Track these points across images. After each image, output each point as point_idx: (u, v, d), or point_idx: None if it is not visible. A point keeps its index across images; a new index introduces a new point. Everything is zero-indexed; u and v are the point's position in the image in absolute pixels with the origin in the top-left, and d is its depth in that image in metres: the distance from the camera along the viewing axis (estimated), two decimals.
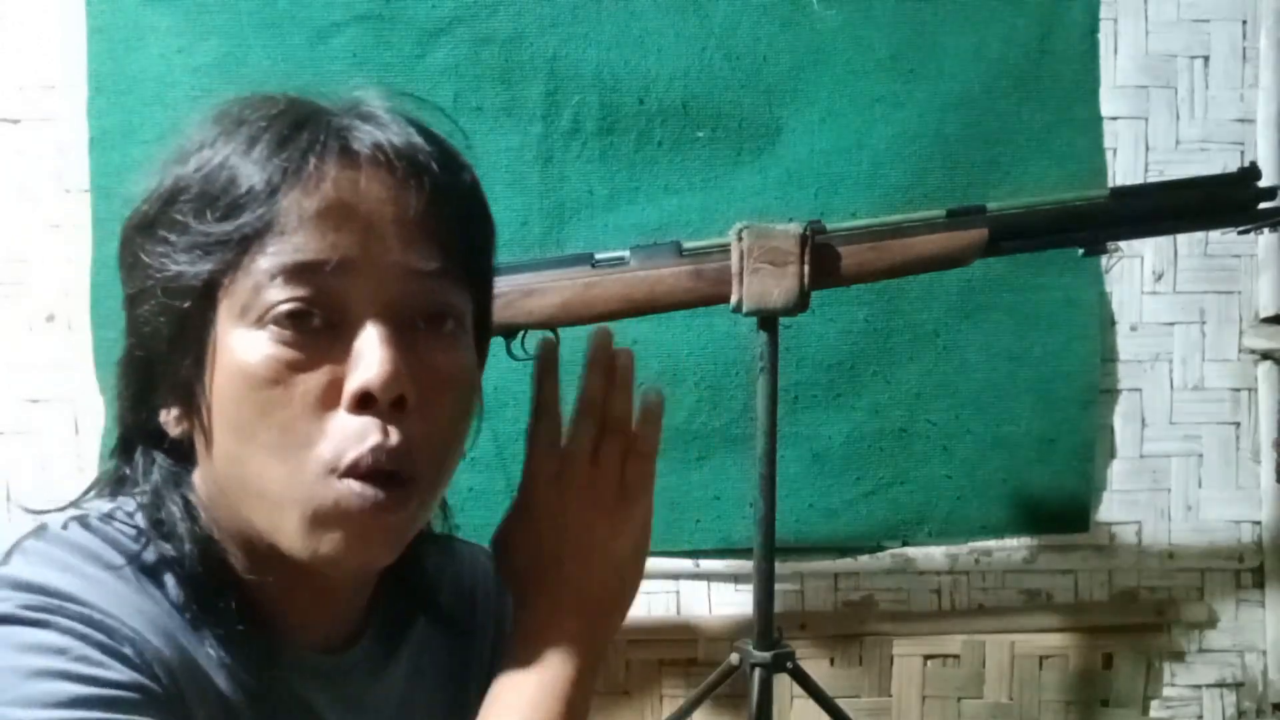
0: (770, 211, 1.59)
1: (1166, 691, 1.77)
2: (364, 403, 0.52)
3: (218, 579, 0.56)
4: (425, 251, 0.55)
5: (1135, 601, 1.76)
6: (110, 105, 1.59)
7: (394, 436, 0.53)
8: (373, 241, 0.53)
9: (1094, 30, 1.70)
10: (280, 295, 0.52)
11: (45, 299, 1.61)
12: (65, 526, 0.55)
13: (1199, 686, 1.78)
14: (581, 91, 1.64)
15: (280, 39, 1.60)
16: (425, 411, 0.55)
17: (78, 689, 0.47)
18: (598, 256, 1.31)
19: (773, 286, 1.25)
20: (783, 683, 1.42)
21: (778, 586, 1.36)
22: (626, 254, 1.30)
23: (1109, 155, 1.71)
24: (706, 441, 1.68)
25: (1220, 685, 1.78)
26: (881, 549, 1.73)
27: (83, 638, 0.49)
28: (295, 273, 0.52)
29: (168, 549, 0.55)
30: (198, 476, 0.58)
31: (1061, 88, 1.69)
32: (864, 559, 1.72)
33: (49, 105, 1.62)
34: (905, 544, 1.72)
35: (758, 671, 1.32)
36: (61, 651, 0.48)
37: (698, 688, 1.44)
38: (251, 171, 0.53)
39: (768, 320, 1.29)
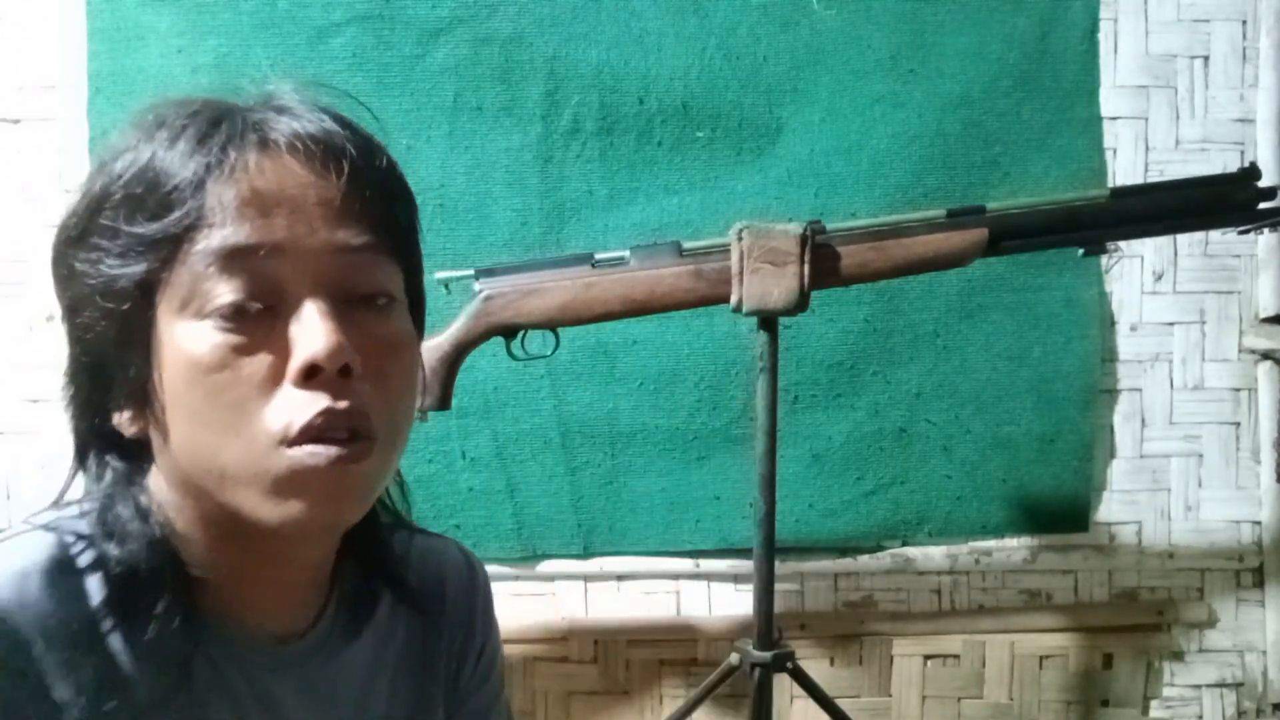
0: (770, 211, 1.59)
1: (1166, 691, 1.77)
2: (310, 374, 0.54)
3: (163, 576, 0.57)
4: (351, 229, 0.57)
5: (1135, 601, 1.76)
6: (110, 105, 1.59)
7: (342, 402, 0.54)
8: (299, 224, 0.55)
9: (1094, 30, 1.70)
10: (218, 286, 0.54)
11: (45, 299, 1.61)
12: None
13: (1199, 686, 1.78)
14: (581, 91, 1.64)
15: (280, 39, 1.60)
16: (373, 379, 0.56)
17: None
18: (598, 256, 1.31)
19: (773, 286, 1.25)
20: (783, 683, 1.42)
21: (778, 586, 1.36)
22: (626, 254, 1.30)
23: (1109, 155, 1.71)
24: (706, 441, 1.68)
25: (1220, 685, 1.78)
26: (881, 549, 1.73)
27: None
28: (229, 260, 0.54)
29: (111, 549, 0.57)
30: (154, 474, 0.60)
31: (1061, 88, 1.69)
32: (864, 559, 1.72)
33: (49, 105, 1.62)
34: (905, 544, 1.72)
35: (758, 671, 1.32)
36: None
37: (698, 688, 1.44)
38: (175, 169, 0.55)
39: (768, 320, 1.29)
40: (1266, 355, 1.74)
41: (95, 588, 0.57)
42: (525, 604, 1.71)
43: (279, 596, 0.63)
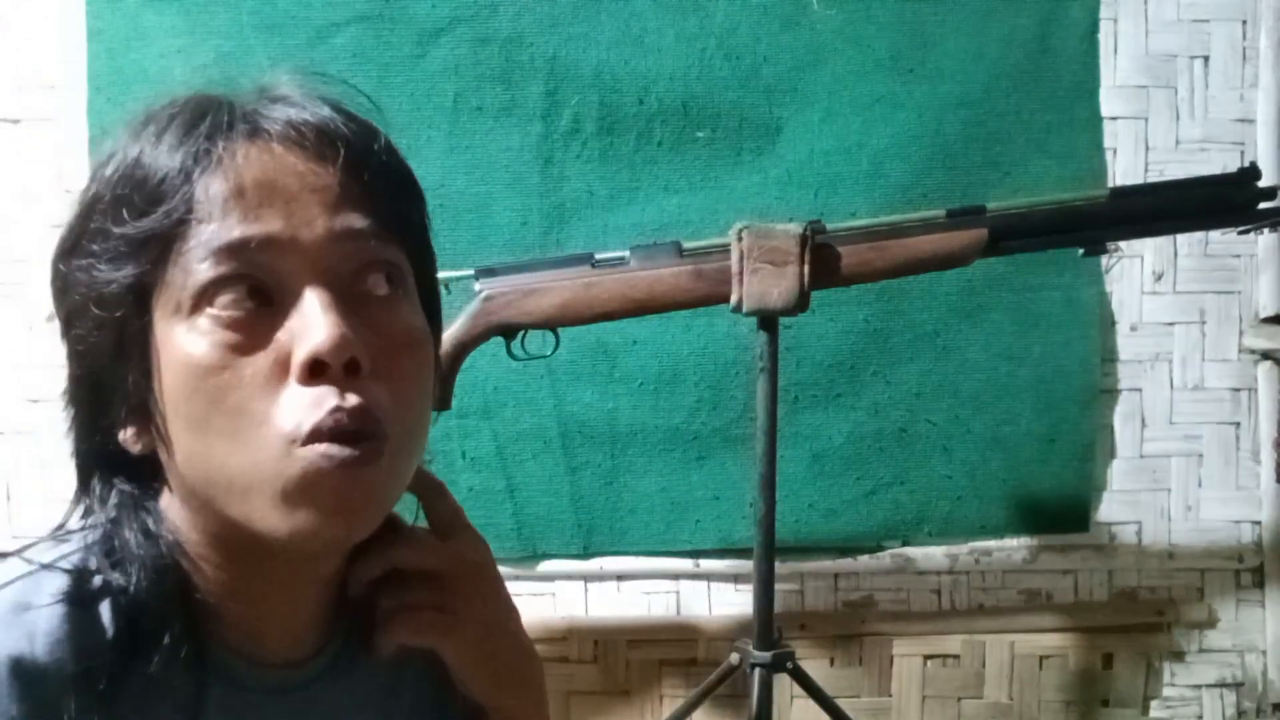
0: (770, 211, 1.59)
1: (1166, 691, 1.77)
2: (315, 371, 0.51)
3: (173, 604, 0.55)
4: (352, 214, 0.54)
5: (1135, 601, 1.76)
6: (110, 105, 1.58)
7: (351, 399, 0.51)
8: (296, 213, 0.53)
9: (1094, 30, 1.70)
10: (212, 284, 0.51)
11: (45, 299, 1.60)
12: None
13: (1199, 686, 1.78)
14: (581, 91, 1.64)
15: (280, 39, 1.60)
16: (383, 374, 0.53)
17: None
18: (598, 256, 1.31)
19: (773, 286, 1.25)
20: (783, 683, 1.42)
21: (778, 586, 1.36)
22: (626, 254, 1.30)
23: (1109, 155, 1.71)
24: (706, 441, 1.68)
25: (1220, 685, 1.78)
26: (881, 549, 1.73)
27: None
28: (222, 256, 0.51)
29: (118, 578, 0.55)
30: (165, 495, 0.58)
31: (1061, 88, 1.69)
32: (864, 559, 1.72)
33: (49, 105, 1.61)
34: (905, 544, 1.72)
35: (758, 671, 1.32)
36: None
37: (698, 688, 1.44)
38: (161, 164, 0.53)
39: (768, 320, 1.29)
40: (1266, 355, 1.74)
41: (106, 624, 0.54)
42: (525, 604, 1.68)
43: (288, 619, 0.60)
